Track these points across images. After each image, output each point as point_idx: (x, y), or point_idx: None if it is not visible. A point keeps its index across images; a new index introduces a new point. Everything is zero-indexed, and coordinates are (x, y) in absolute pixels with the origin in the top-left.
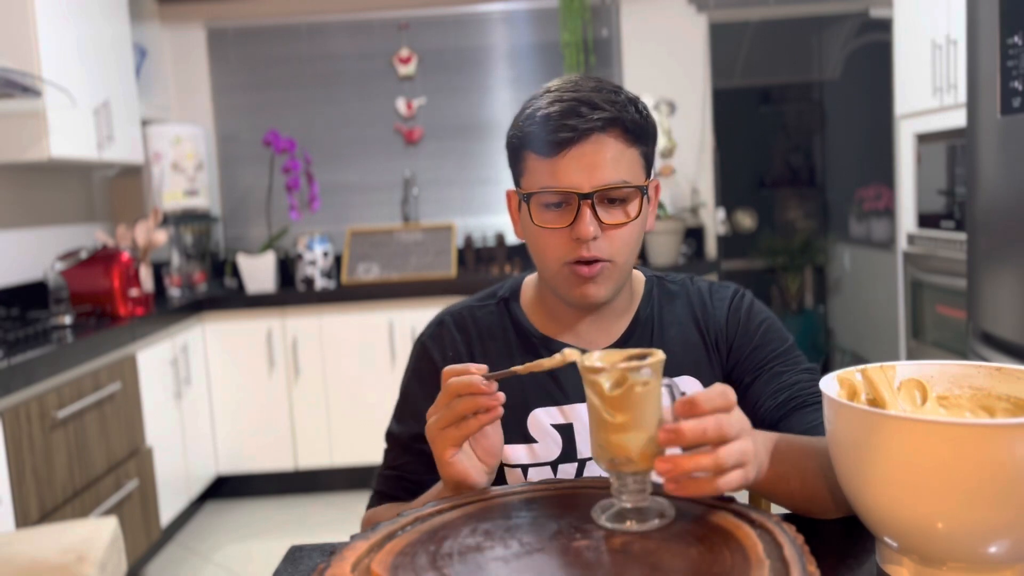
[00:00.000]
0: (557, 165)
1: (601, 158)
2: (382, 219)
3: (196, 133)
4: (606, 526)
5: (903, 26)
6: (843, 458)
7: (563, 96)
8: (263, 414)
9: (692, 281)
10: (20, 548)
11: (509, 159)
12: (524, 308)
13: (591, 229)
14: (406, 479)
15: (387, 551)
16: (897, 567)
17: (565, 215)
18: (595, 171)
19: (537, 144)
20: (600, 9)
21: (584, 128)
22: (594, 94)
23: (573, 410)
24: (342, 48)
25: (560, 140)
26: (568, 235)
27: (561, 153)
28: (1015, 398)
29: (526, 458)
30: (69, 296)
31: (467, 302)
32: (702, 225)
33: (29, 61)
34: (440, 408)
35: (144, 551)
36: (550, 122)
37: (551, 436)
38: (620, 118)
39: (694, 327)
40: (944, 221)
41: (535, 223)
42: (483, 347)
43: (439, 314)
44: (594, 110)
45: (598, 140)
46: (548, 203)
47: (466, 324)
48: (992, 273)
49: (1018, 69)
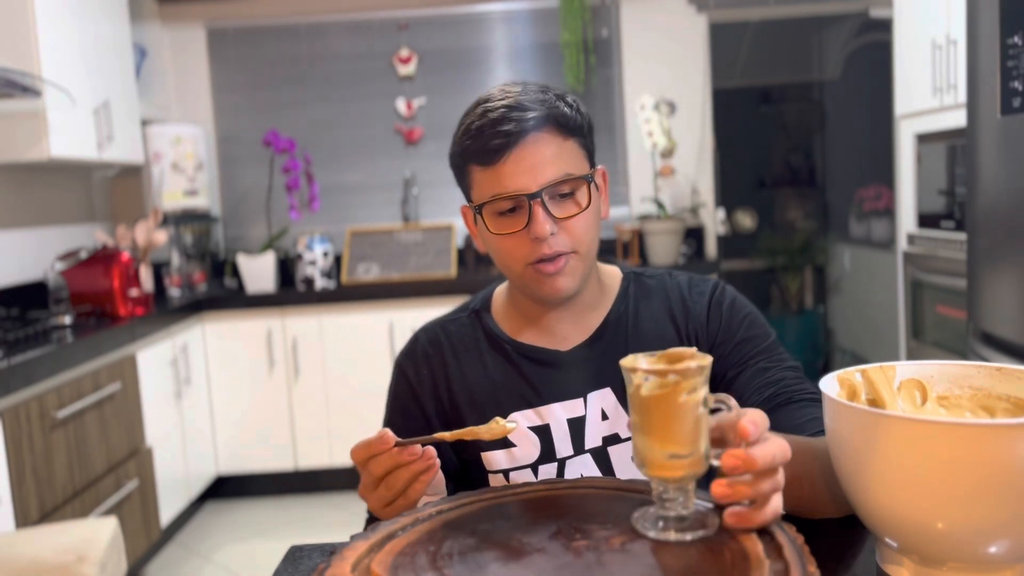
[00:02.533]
0: (501, 171)
1: (541, 157)
2: (382, 219)
3: (196, 133)
4: (650, 536)
5: (903, 26)
6: (843, 458)
7: (493, 106)
8: (263, 414)
9: (671, 276)
10: (20, 548)
11: (455, 176)
12: (495, 316)
13: (547, 227)
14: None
15: (387, 551)
16: (897, 567)
17: (519, 218)
18: (538, 170)
19: (477, 155)
20: (600, 9)
21: (518, 131)
22: (522, 97)
23: (549, 411)
24: (342, 48)
25: (498, 146)
26: (526, 237)
27: (502, 159)
28: (1015, 398)
29: (506, 462)
30: (69, 296)
31: (440, 319)
32: (702, 225)
33: (29, 61)
34: (371, 490)
35: (144, 551)
36: (485, 132)
37: (529, 438)
38: (550, 114)
39: (669, 322)
40: (944, 221)
41: (492, 231)
42: (456, 360)
43: (414, 333)
44: (524, 111)
45: (535, 140)
46: (500, 210)
47: (439, 339)
48: (992, 273)
49: (1018, 69)
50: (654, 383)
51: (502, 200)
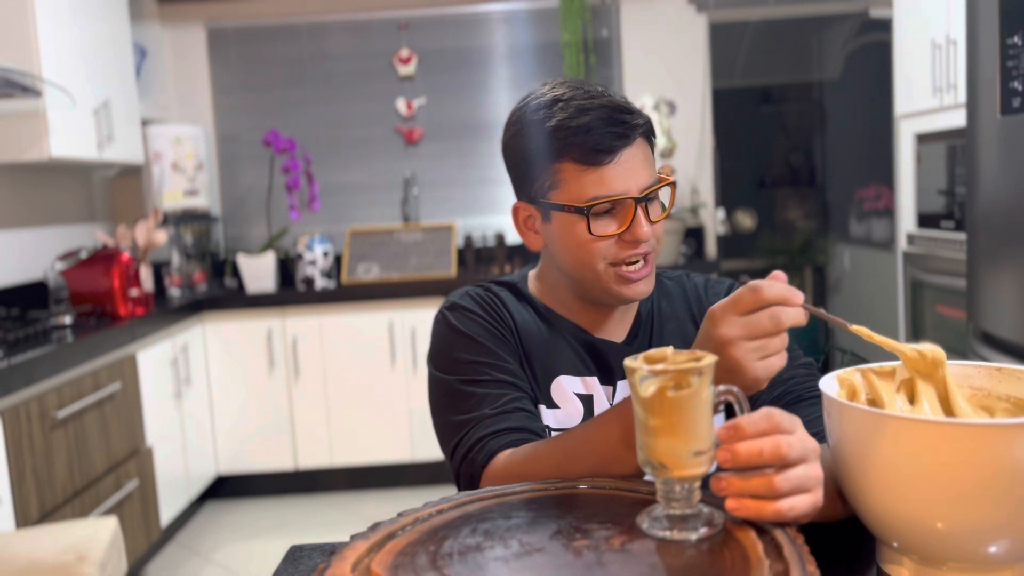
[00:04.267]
0: (606, 173)
1: (641, 161)
2: (382, 219)
3: (196, 133)
4: (657, 535)
5: (903, 26)
6: (843, 458)
7: (587, 104)
8: (263, 414)
9: (688, 277)
10: (20, 548)
11: (525, 173)
12: (535, 295)
13: (648, 230)
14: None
15: (387, 551)
16: (897, 567)
17: (616, 220)
18: (638, 174)
19: (580, 154)
20: (600, 9)
21: (627, 133)
22: (616, 98)
23: (594, 383)
24: (342, 48)
25: (610, 147)
26: (618, 238)
27: (612, 160)
28: (1015, 398)
29: (552, 422)
30: (69, 296)
31: (475, 286)
32: (702, 225)
33: (29, 61)
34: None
35: (144, 551)
36: (593, 132)
37: (573, 403)
38: (648, 121)
39: (690, 322)
40: (944, 221)
41: (592, 234)
42: (510, 313)
43: (455, 293)
44: (631, 114)
45: (637, 144)
46: (600, 211)
47: (484, 298)
48: (992, 273)
49: (1018, 69)
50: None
51: (607, 201)
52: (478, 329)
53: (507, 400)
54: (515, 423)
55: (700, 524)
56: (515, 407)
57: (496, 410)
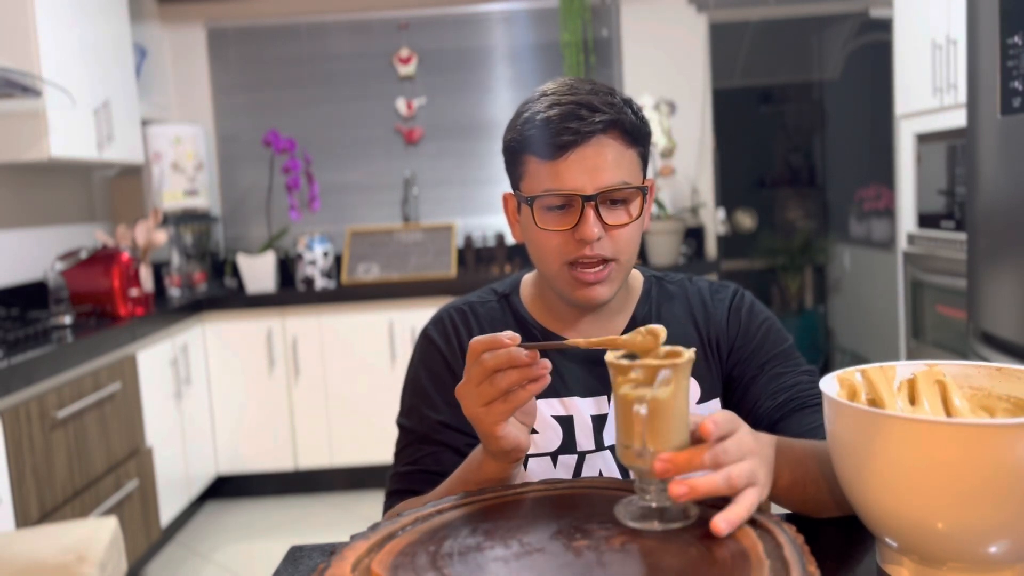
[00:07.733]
0: (559, 168)
1: (603, 160)
2: (382, 219)
3: (196, 133)
4: (629, 525)
5: (903, 26)
6: (843, 458)
7: (561, 99)
8: (263, 414)
9: (691, 281)
10: (20, 548)
11: (507, 163)
12: (525, 304)
13: (595, 230)
14: (427, 471)
15: (387, 551)
16: (897, 567)
17: (568, 217)
18: (597, 173)
19: (538, 147)
20: (600, 9)
21: (585, 131)
22: (592, 97)
23: (573, 403)
24: (342, 48)
25: (562, 143)
26: (571, 236)
27: (563, 156)
28: (1015, 398)
29: (531, 448)
30: (69, 296)
31: (466, 298)
32: (702, 225)
33: (29, 61)
34: (474, 384)
35: (144, 551)
36: (550, 126)
37: (551, 427)
38: (619, 120)
39: (692, 327)
40: (944, 221)
41: (538, 226)
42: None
43: (440, 309)
44: (594, 112)
45: (599, 142)
46: (551, 205)
47: (467, 317)
48: (992, 273)
49: (1018, 69)
50: (666, 377)
51: (555, 196)
52: (431, 364)
53: (420, 456)
54: (415, 484)
55: (677, 516)
56: (419, 469)
57: (405, 468)
